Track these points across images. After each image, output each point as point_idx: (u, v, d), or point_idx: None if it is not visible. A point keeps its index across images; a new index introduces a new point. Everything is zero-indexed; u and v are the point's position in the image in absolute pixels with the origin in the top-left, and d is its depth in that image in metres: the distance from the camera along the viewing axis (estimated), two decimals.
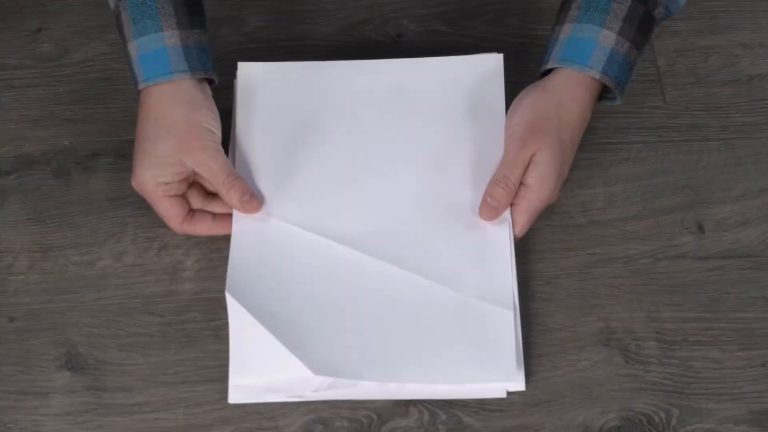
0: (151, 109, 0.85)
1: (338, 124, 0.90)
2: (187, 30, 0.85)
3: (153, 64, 0.84)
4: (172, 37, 0.84)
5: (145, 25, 0.84)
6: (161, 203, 0.85)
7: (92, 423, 0.82)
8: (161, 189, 0.84)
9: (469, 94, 0.90)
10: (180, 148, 0.83)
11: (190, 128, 0.84)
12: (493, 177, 0.84)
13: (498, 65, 0.90)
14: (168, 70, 0.84)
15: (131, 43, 0.85)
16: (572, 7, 0.85)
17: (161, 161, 0.83)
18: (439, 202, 0.86)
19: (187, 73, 0.85)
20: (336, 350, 0.80)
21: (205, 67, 0.86)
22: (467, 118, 0.89)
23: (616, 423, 0.82)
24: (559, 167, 0.83)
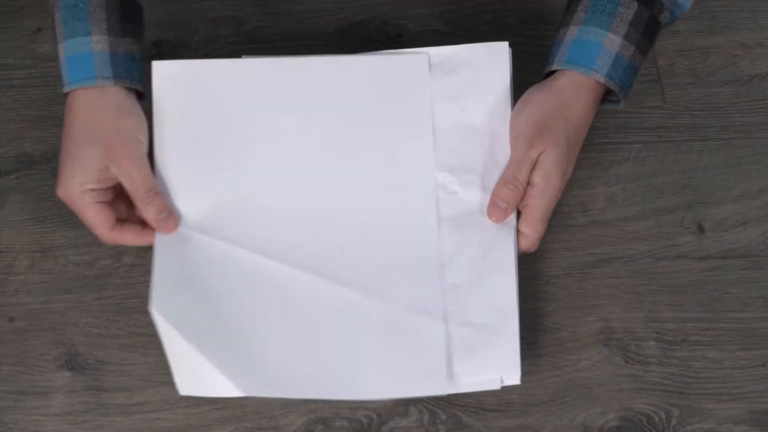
0: (77, 113, 0.83)
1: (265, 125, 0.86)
2: (118, 37, 0.83)
3: (78, 67, 0.83)
4: (99, 42, 0.83)
5: (74, 28, 0.83)
6: (88, 210, 0.82)
7: (92, 423, 0.82)
8: (88, 196, 0.82)
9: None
10: (106, 155, 0.81)
11: (118, 135, 0.82)
12: (502, 178, 0.84)
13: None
14: (92, 75, 0.82)
15: (60, 45, 0.84)
16: (578, 9, 0.85)
17: (88, 167, 0.81)
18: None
19: (111, 80, 0.83)
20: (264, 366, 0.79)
21: (132, 76, 0.84)
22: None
23: (616, 423, 0.82)
24: (565, 166, 0.83)
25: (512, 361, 0.79)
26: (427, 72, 0.88)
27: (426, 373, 0.79)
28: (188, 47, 0.98)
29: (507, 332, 0.80)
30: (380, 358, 0.80)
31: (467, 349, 0.80)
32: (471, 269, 0.82)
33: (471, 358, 0.80)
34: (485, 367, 0.80)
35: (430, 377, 0.79)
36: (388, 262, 0.83)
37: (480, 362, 0.80)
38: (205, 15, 1.00)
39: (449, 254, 0.83)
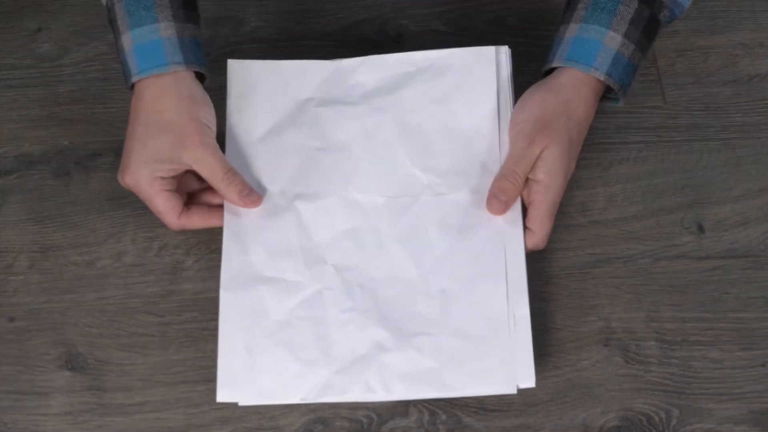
0: (150, 101, 0.83)
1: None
2: (183, 23, 0.84)
3: (148, 55, 0.83)
4: (168, 29, 0.84)
5: (141, 17, 0.83)
6: (158, 198, 0.83)
7: (92, 423, 0.82)
8: (158, 184, 0.83)
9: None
10: (180, 143, 0.82)
11: (191, 124, 0.83)
12: (501, 171, 0.84)
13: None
14: (164, 62, 0.83)
15: (125, 35, 0.84)
16: (579, 7, 0.85)
17: (160, 156, 0.82)
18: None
19: (183, 65, 0.84)
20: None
21: (200, 61, 0.86)
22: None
23: (616, 423, 0.82)
24: (567, 163, 0.83)
25: (527, 364, 0.79)
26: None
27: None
28: None
29: (498, 344, 0.80)
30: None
31: (458, 361, 0.80)
32: (459, 275, 0.83)
33: (462, 369, 0.80)
34: (477, 380, 0.79)
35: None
36: None
37: (471, 374, 0.79)
38: (205, 15, 1.00)
39: (437, 258, 0.83)
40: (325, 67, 0.91)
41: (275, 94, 0.90)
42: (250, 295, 0.82)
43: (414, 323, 0.81)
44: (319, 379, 0.80)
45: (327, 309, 0.82)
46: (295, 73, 0.90)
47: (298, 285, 0.83)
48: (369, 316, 0.81)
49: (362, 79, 0.90)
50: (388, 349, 0.80)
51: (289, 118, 0.89)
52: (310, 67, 0.91)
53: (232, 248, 0.84)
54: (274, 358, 0.80)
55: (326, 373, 0.80)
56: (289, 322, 0.81)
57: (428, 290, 0.82)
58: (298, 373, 0.80)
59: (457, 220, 0.84)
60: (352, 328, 0.81)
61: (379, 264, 0.83)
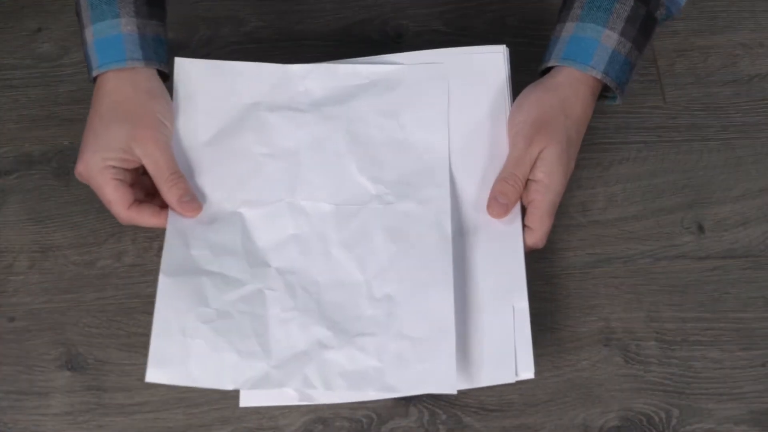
0: (108, 93, 0.83)
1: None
2: (145, 19, 0.84)
3: (108, 50, 0.83)
4: (128, 24, 0.83)
5: (102, 11, 0.84)
6: (107, 186, 0.82)
7: (92, 423, 0.82)
8: (109, 172, 0.82)
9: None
10: (132, 135, 0.82)
11: (146, 117, 0.83)
12: (501, 174, 0.84)
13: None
14: (123, 57, 0.83)
15: (88, 29, 0.84)
16: (575, 6, 0.85)
17: (112, 145, 0.82)
18: None
19: (141, 62, 0.84)
20: None
21: (160, 58, 0.85)
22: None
23: (616, 423, 0.82)
24: (566, 162, 0.83)
25: (526, 356, 0.78)
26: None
27: None
28: (188, 47, 0.98)
29: (443, 347, 0.78)
30: None
31: (401, 362, 0.79)
32: (405, 280, 0.82)
33: (404, 371, 0.78)
34: (419, 381, 0.78)
35: None
36: None
37: (414, 375, 0.78)
38: (205, 15, 1.01)
39: (383, 264, 0.82)
40: (274, 72, 0.89)
41: (223, 96, 0.88)
42: (191, 282, 0.81)
43: (358, 324, 0.80)
44: (256, 371, 0.78)
45: (268, 307, 0.81)
46: (244, 76, 0.88)
47: (239, 281, 0.82)
48: (311, 316, 0.80)
49: (311, 87, 0.89)
50: (330, 346, 0.79)
51: (236, 122, 0.87)
52: (260, 71, 0.89)
53: (175, 242, 0.82)
54: (210, 345, 0.79)
55: (264, 366, 0.78)
56: (229, 313, 0.80)
57: (373, 294, 0.81)
58: (234, 363, 0.78)
59: (404, 228, 0.83)
60: (293, 326, 0.80)
61: (324, 268, 0.82)
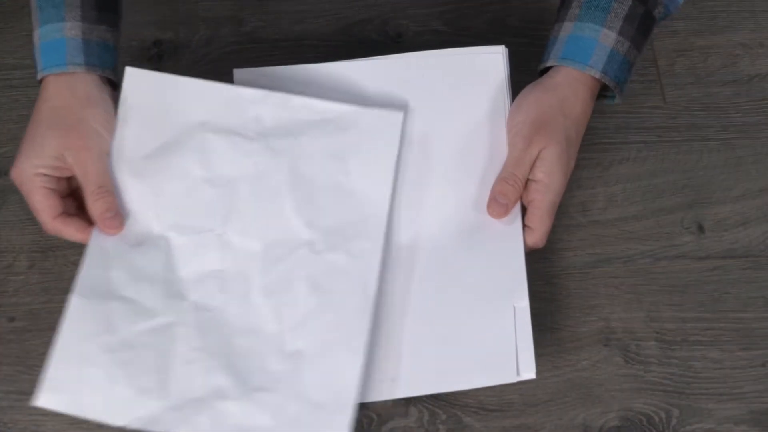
0: (47, 99, 0.83)
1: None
2: (92, 24, 0.83)
3: (50, 54, 0.83)
4: (72, 29, 0.82)
5: (49, 14, 0.83)
6: (36, 194, 0.80)
7: (92, 423, 0.82)
8: (39, 180, 0.81)
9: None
10: (64, 143, 0.81)
11: (79, 124, 0.82)
12: (500, 175, 0.84)
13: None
14: (63, 62, 0.82)
15: (36, 31, 0.84)
16: (573, 5, 0.85)
17: (44, 152, 0.81)
18: None
19: (82, 67, 0.82)
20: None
21: (104, 64, 0.84)
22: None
23: (616, 423, 0.82)
24: (566, 161, 0.83)
25: (527, 355, 0.78)
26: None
27: None
28: (188, 47, 0.98)
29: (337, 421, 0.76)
30: None
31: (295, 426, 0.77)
32: (318, 338, 0.80)
33: None
34: None
35: None
36: None
37: None
38: (205, 15, 1.01)
39: (300, 316, 0.81)
40: (227, 93, 0.86)
41: (170, 110, 0.85)
42: (102, 307, 0.79)
43: (261, 377, 0.78)
44: (147, 411, 0.77)
45: (175, 343, 0.79)
46: (194, 92, 0.86)
47: (151, 312, 0.80)
48: (217, 360, 0.78)
49: (263, 114, 0.86)
50: (228, 397, 0.77)
51: (179, 139, 0.85)
52: (210, 89, 0.86)
53: (95, 261, 0.81)
54: (107, 376, 0.77)
55: (156, 407, 0.77)
56: (132, 345, 0.78)
57: (283, 348, 0.79)
58: (128, 399, 0.77)
59: (328, 281, 0.81)
60: (195, 368, 0.78)
61: (240, 311, 0.80)
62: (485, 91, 0.88)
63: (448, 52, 0.89)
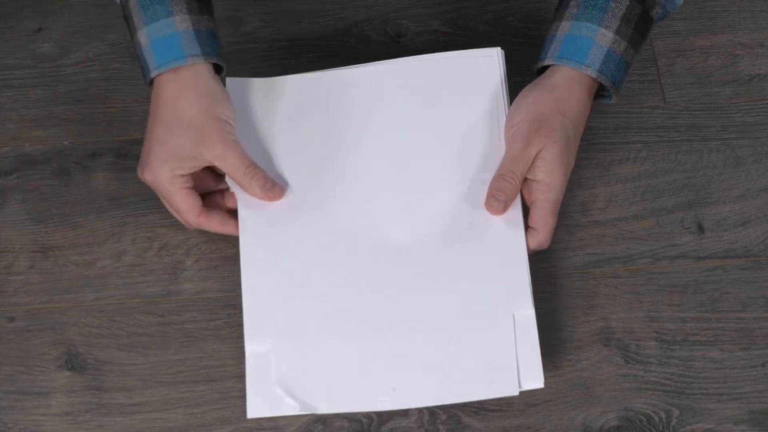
0: (170, 99, 0.83)
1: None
2: (198, 15, 0.84)
3: (165, 49, 0.83)
4: (183, 22, 0.83)
5: (155, 11, 0.83)
6: (177, 195, 0.83)
7: (92, 423, 0.82)
8: (178, 181, 0.83)
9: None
10: (200, 141, 0.82)
11: (211, 121, 0.83)
12: (498, 172, 0.84)
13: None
14: (181, 55, 0.82)
15: (141, 31, 0.84)
16: (571, 5, 0.85)
17: (180, 153, 0.82)
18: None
19: (201, 57, 0.83)
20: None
21: (217, 52, 0.85)
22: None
23: (616, 423, 0.82)
24: (566, 160, 0.83)
25: (534, 364, 0.79)
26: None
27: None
28: None
29: None
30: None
31: None
32: None
33: None
34: None
35: None
36: None
37: None
38: None
39: None
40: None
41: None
42: None
43: None
44: None
45: None
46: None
47: None
48: None
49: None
50: None
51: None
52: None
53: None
54: None
55: None
56: None
57: None
58: None
59: None
60: None
61: None
62: (481, 93, 0.88)
63: (444, 56, 0.90)
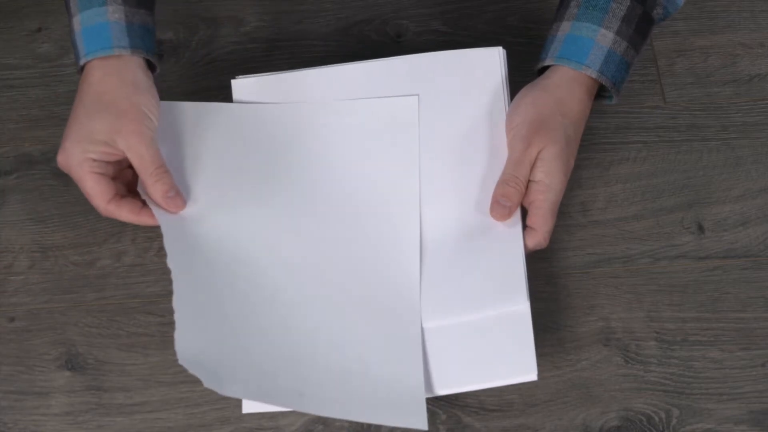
0: (93, 83, 0.83)
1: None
2: (133, 8, 0.83)
3: (94, 38, 0.82)
4: (116, 12, 0.83)
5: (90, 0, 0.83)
6: (87, 179, 0.81)
7: (92, 423, 0.82)
8: (88, 165, 0.81)
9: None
10: (116, 128, 0.81)
11: (130, 109, 0.82)
12: (501, 177, 0.83)
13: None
14: (109, 45, 0.82)
15: (75, 18, 0.84)
16: (571, 5, 0.85)
17: (94, 137, 0.81)
18: None
19: (128, 50, 0.82)
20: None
21: (148, 47, 0.84)
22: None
23: (616, 423, 0.82)
24: (566, 161, 0.83)
25: (528, 358, 0.79)
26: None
27: None
28: (188, 47, 0.98)
29: None
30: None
31: None
32: None
33: None
34: None
35: None
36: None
37: None
38: (205, 15, 1.01)
39: None
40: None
41: None
42: None
43: None
44: None
45: None
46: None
47: None
48: None
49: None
50: None
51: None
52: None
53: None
54: None
55: None
56: None
57: None
58: None
59: None
60: None
61: None
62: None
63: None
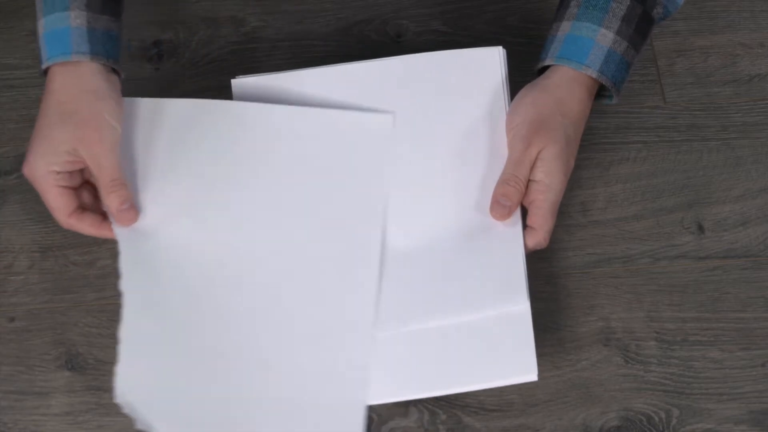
0: (54, 91, 0.82)
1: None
2: (96, 14, 0.83)
3: (54, 43, 0.82)
4: (78, 18, 0.82)
5: (54, 3, 0.82)
6: (50, 192, 0.81)
7: (92, 423, 0.82)
8: (52, 177, 0.81)
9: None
10: (77, 137, 0.80)
11: (92, 118, 0.81)
12: (501, 177, 0.83)
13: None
14: (68, 50, 0.82)
15: (40, 21, 0.83)
16: (572, 5, 0.85)
17: (56, 148, 0.81)
18: None
19: (87, 56, 0.82)
20: None
21: (109, 54, 0.83)
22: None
23: (616, 423, 0.82)
24: (566, 161, 0.83)
25: (528, 358, 0.79)
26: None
27: None
28: (188, 47, 0.98)
29: None
30: None
31: None
32: None
33: None
34: None
35: None
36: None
37: None
38: (205, 15, 1.01)
39: None
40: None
41: None
42: None
43: None
44: None
45: None
46: None
47: None
48: None
49: None
50: None
51: None
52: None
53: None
54: None
55: None
56: None
57: None
58: None
59: None
60: None
61: None
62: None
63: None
